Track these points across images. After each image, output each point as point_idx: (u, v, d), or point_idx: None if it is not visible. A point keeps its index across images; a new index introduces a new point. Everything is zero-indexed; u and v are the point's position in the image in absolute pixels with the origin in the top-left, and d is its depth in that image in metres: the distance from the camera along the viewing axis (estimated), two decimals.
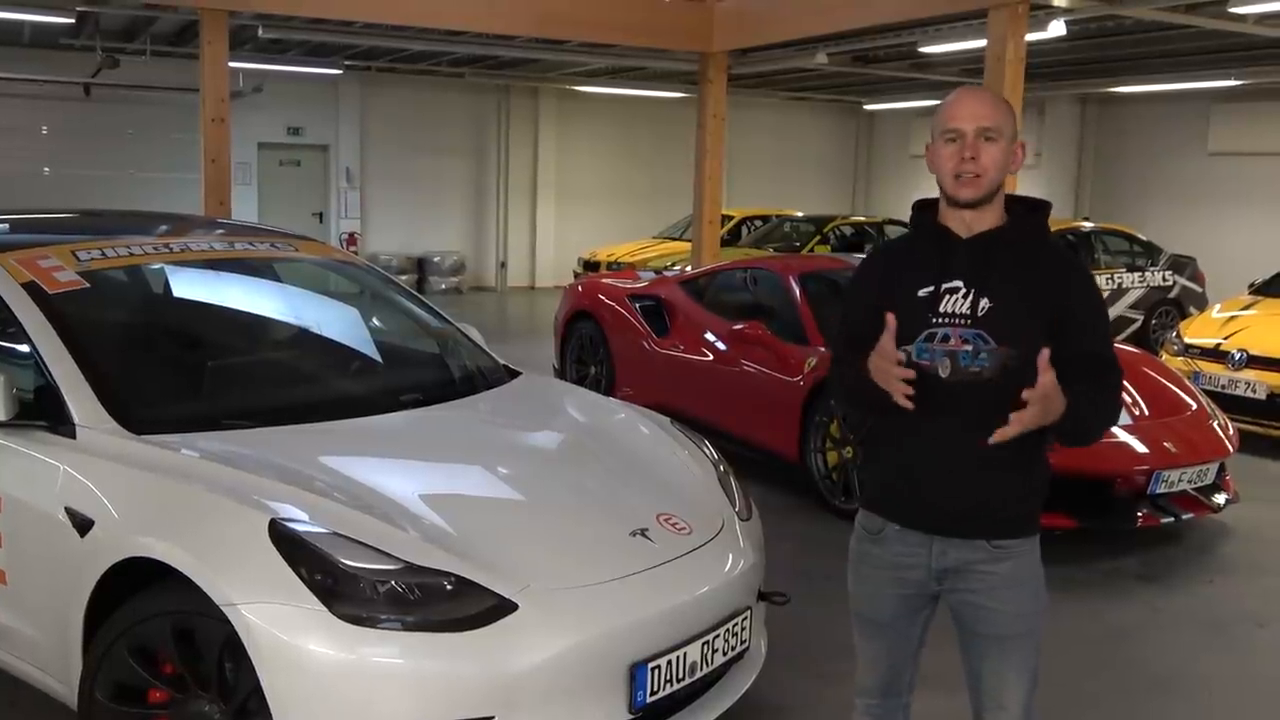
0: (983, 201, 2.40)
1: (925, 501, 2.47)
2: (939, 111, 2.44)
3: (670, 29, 10.54)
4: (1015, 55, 7.77)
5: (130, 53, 13.60)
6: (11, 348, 3.49)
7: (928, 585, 2.51)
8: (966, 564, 2.45)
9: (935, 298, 2.40)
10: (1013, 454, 2.39)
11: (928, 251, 2.47)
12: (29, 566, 3.21)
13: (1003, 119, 2.39)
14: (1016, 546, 2.46)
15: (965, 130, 2.37)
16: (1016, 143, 2.43)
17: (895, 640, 2.62)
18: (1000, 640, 2.48)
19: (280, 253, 4.51)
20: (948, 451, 2.42)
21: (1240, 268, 12.27)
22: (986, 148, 2.36)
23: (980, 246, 2.42)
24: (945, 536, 2.46)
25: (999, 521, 2.45)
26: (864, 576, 2.61)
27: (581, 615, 2.86)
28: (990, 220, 2.44)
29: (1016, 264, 2.40)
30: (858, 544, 2.62)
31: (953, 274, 2.41)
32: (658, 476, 3.65)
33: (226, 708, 2.79)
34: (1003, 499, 2.44)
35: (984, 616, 2.47)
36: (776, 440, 6.44)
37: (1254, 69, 13.11)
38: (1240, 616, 4.96)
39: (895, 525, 2.52)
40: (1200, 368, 8.08)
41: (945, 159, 2.40)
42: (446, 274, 17.71)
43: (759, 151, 19.92)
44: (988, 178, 2.37)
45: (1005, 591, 2.45)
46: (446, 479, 3.47)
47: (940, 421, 2.39)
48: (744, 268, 8.16)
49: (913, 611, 2.58)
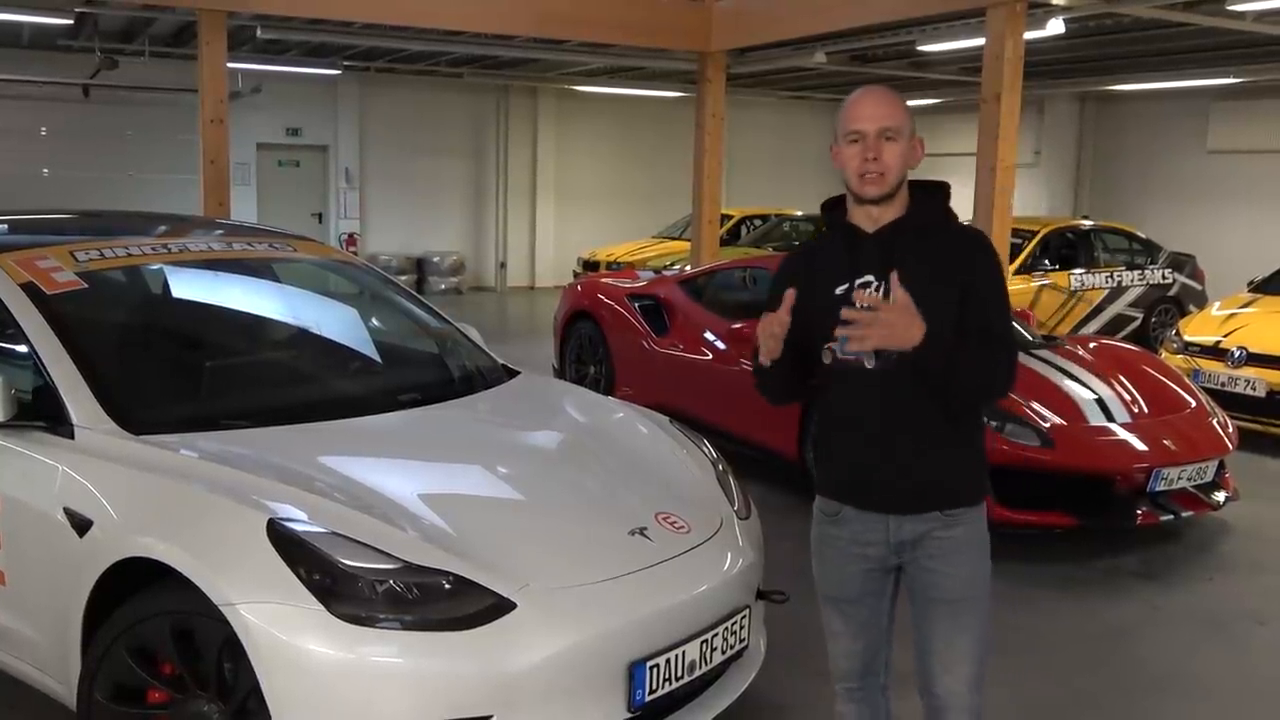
0: (887, 197, 2.52)
1: (876, 485, 2.58)
2: (841, 113, 2.55)
3: (669, 28, 10.54)
4: (1014, 54, 7.76)
5: (129, 54, 13.60)
6: (10, 348, 3.49)
7: (888, 559, 2.62)
8: (922, 535, 2.57)
9: (849, 293, 2.50)
10: (946, 430, 2.55)
11: (839, 249, 2.61)
12: (28, 567, 3.21)
13: (901, 118, 2.51)
14: (965, 514, 2.58)
15: (867, 131, 2.48)
16: (915, 139, 2.54)
17: (866, 618, 2.70)
18: (952, 604, 2.59)
19: (279, 253, 4.51)
20: (884, 437, 2.54)
21: (1240, 265, 12.27)
22: (888, 147, 2.48)
23: (885, 238, 2.54)
24: (900, 514, 2.57)
25: (950, 493, 2.57)
26: (827, 558, 2.70)
27: (580, 614, 2.86)
28: (895, 212, 2.56)
29: (922, 248, 2.52)
30: (818, 527, 2.72)
31: (862, 269, 2.53)
32: (657, 476, 3.65)
33: (226, 708, 2.79)
34: (947, 474, 2.57)
35: (937, 582, 2.58)
36: (775, 439, 6.44)
37: (1253, 67, 13.10)
38: (1240, 614, 4.96)
39: (852, 508, 2.62)
40: (1200, 365, 8.08)
41: (849, 159, 2.51)
42: (446, 274, 17.71)
43: (758, 151, 19.92)
44: (891, 175, 2.49)
45: (956, 556, 2.57)
46: (445, 478, 3.47)
47: (876, 411, 2.53)
48: (743, 267, 8.17)
49: (878, 587, 2.67)
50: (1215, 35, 11.04)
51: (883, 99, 2.53)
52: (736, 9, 10.37)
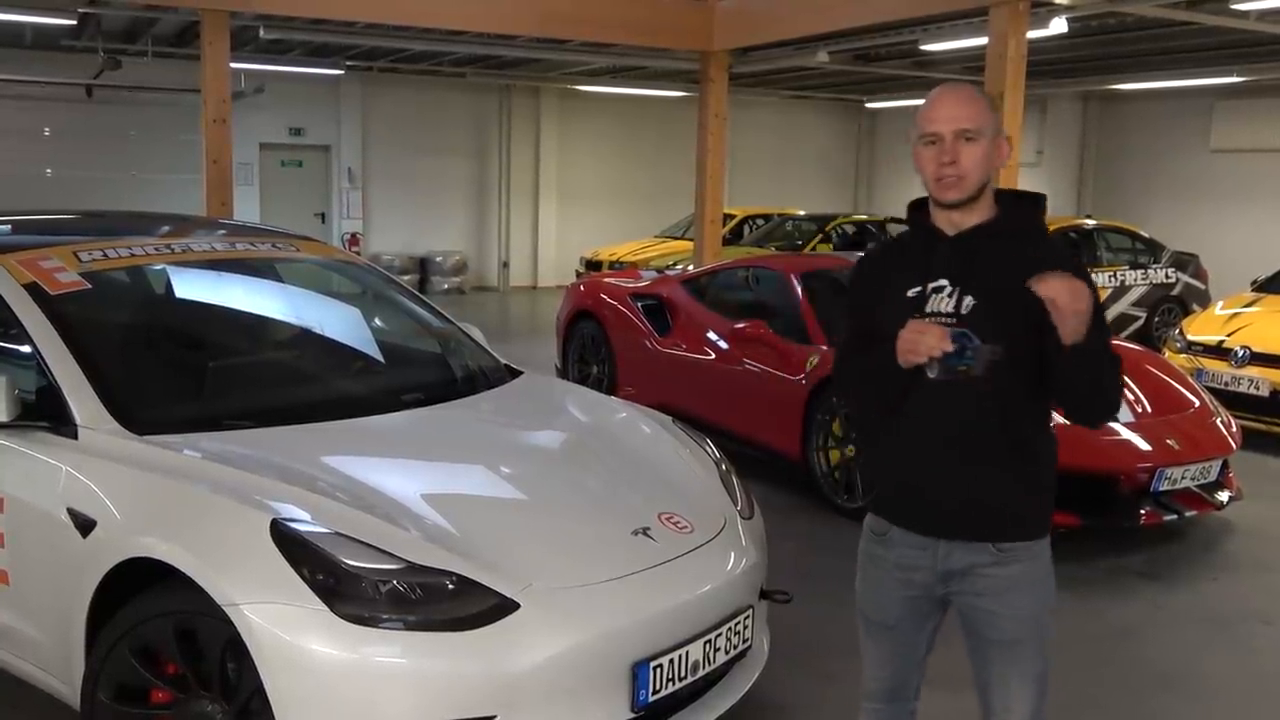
0: (967, 202, 2.38)
1: (924, 504, 2.45)
2: (918, 113, 2.41)
3: (671, 28, 10.54)
4: (1016, 53, 7.76)
5: (132, 54, 13.61)
6: (13, 349, 3.49)
7: (933, 588, 2.48)
8: (971, 567, 2.42)
9: (922, 297, 2.40)
10: (1010, 453, 2.39)
11: (916, 251, 2.47)
12: (31, 567, 3.22)
13: (982, 118, 2.36)
14: (1022, 550, 2.42)
15: (943, 133, 2.35)
16: (1000, 138, 2.40)
17: (901, 644, 2.59)
18: (1006, 645, 2.45)
19: (282, 253, 4.51)
20: (943, 453, 2.40)
21: (1243, 265, 12.26)
22: (966, 149, 2.34)
23: (965, 244, 2.40)
24: (949, 539, 2.43)
25: (1001, 523, 2.41)
26: (871, 578, 2.58)
27: (583, 614, 2.86)
28: (978, 217, 2.42)
29: (1003, 259, 2.36)
30: (865, 545, 2.59)
31: (938, 273, 2.40)
32: (659, 475, 3.65)
33: (229, 708, 2.79)
34: (1001, 499, 2.41)
35: (989, 620, 2.44)
36: (778, 439, 6.44)
37: (1256, 66, 13.09)
38: (1244, 614, 4.95)
39: (899, 528, 2.49)
40: (1203, 365, 8.07)
41: (926, 162, 2.39)
42: (449, 274, 17.72)
43: (760, 150, 19.91)
44: (970, 179, 2.35)
45: (1011, 596, 2.41)
46: (448, 478, 3.47)
47: (933, 422, 2.39)
48: (746, 266, 8.16)
49: (919, 615, 2.55)
50: (1218, 34, 11.03)
51: (961, 98, 2.39)
52: (739, 8, 10.37)
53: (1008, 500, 2.41)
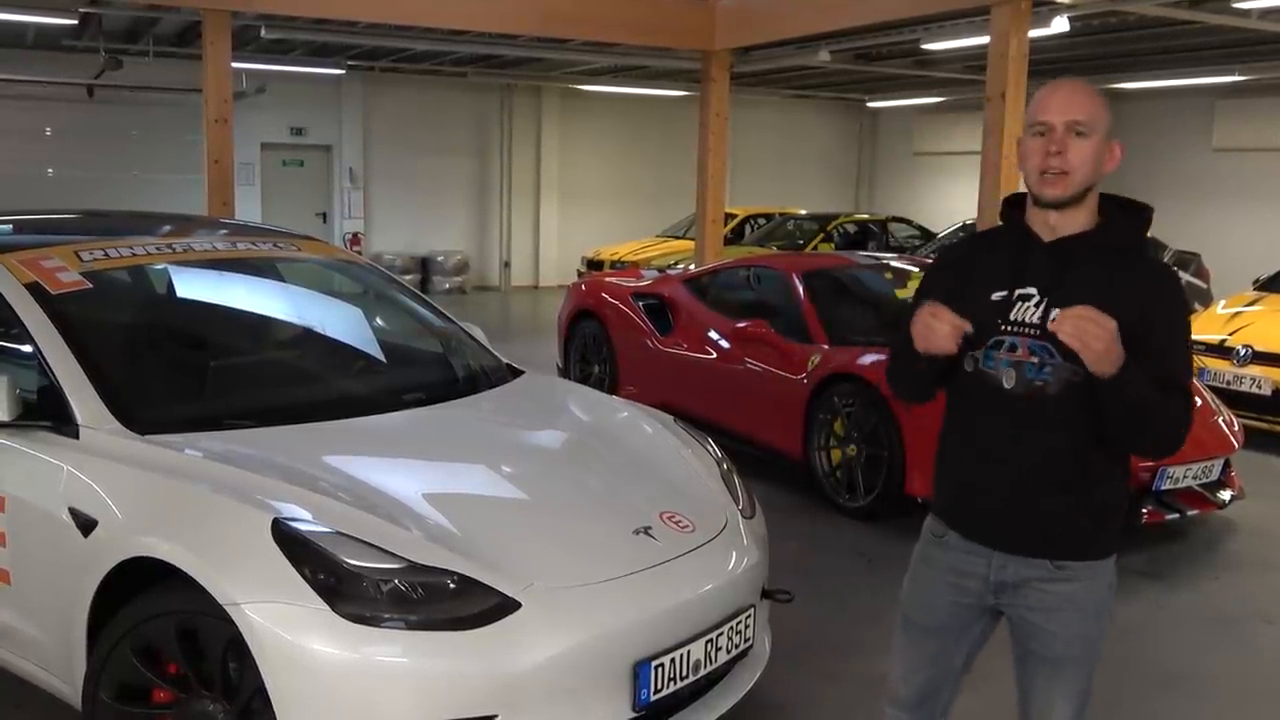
0: (1070, 202, 2.26)
1: (983, 513, 2.39)
2: (1031, 103, 2.30)
3: (673, 27, 10.53)
4: (1018, 52, 7.75)
5: (133, 54, 13.61)
6: (14, 348, 3.49)
7: (985, 597, 2.42)
8: (1025, 581, 2.36)
9: (1007, 304, 2.29)
10: (1074, 471, 2.31)
11: (1006, 252, 2.35)
12: (32, 567, 3.22)
13: (1097, 113, 2.24)
14: (1081, 569, 2.35)
15: (1054, 124, 2.22)
16: (1113, 141, 2.28)
17: (940, 650, 2.53)
18: (1052, 662, 2.39)
19: (283, 252, 4.51)
20: (1005, 465, 2.33)
21: (1245, 264, 12.25)
22: (1076, 144, 2.22)
23: (1061, 252, 2.28)
24: (1005, 551, 2.36)
25: (1060, 541, 2.34)
26: (922, 578, 2.53)
27: (585, 614, 2.86)
28: (1079, 224, 2.29)
29: (1099, 274, 2.24)
30: (922, 546, 2.54)
31: (1028, 280, 2.29)
32: (661, 475, 3.65)
33: (230, 707, 2.79)
34: (1062, 517, 2.33)
35: (1038, 635, 2.38)
36: (780, 438, 6.44)
37: (1258, 64, 13.07)
38: (1246, 613, 4.95)
39: (957, 534, 2.44)
40: (1205, 364, 8.06)
41: (1032, 153, 2.26)
42: (450, 274, 17.71)
43: (762, 149, 19.90)
44: (1076, 176, 2.23)
45: (1063, 614, 2.35)
46: (450, 478, 3.47)
47: (1001, 434, 2.32)
48: (747, 266, 8.16)
49: (964, 623, 2.49)
50: (1220, 33, 11.02)
51: (1077, 90, 2.26)
52: (740, 7, 10.36)
53: (1070, 522, 2.34)
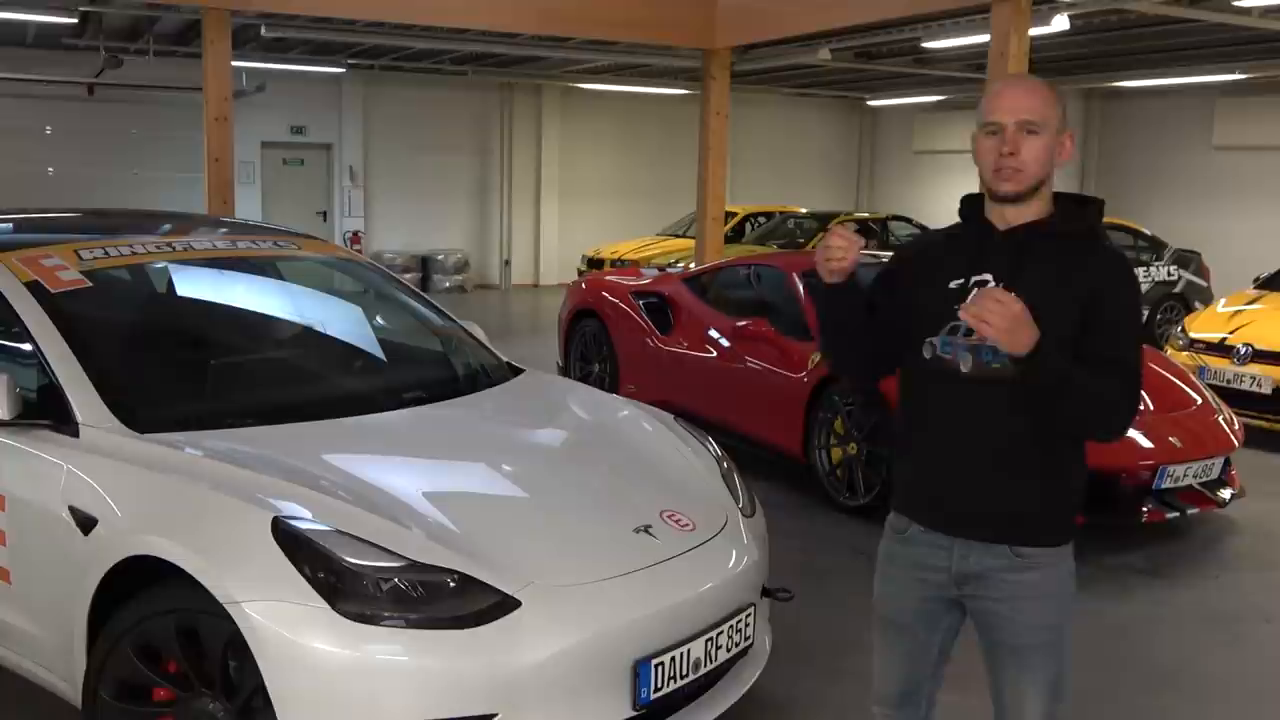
0: (1024, 197, 2.33)
1: (943, 502, 2.42)
2: (982, 101, 2.37)
3: (673, 26, 10.52)
4: (1018, 50, 7.73)
5: (133, 52, 13.60)
6: (14, 347, 3.49)
7: (949, 589, 2.45)
8: (988, 570, 2.39)
9: (964, 290, 2.34)
10: (1034, 456, 2.34)
11: (965, 243, 2.42)
12: (33, 565, 3.22)
13: (1047, 110, 2.30)
14: (1042, 556, 2.38)
15: (1005, 123, 2.29)
16: (1064, 135, 2.34)
17: (915, 646, 2.56)
18: (1019, 651, 2.42)
19: (283, 251, 4.51)
20: (964, 451, 2.37)
21: (1245, 262, 12.24)
22: (1028, 141, 2.29)
23: (1017, 240, 2.35)
24: (966, 540, 2.40)
25: (1020, 528, 2.37)
26: (889, 576, 2.56)
27: (585, 612, 2.86)
28: (1033, 214, 2.36)
29: (1054, 260, 2.32)
30: (885, 544, 2.57)
31: (984, 267, 2.35)
32: (661, 473, 3.65)
33: (230, 706, 2.79)
34: (1022, 503, 2.36)
35: (1003, 625, 2.41)
36: (780, 437, 6.44)
37: (1258, 63, 13.06)
38: (1246, 612, 4.95)
39: (919, 526, 2.47)
40: (1206, 362, 8.06)
41: (985, 152, 2.33)
42: (450, 272, 17.70)
43: (762, 148, 19.89)
44: (1028, 172, 2.30)
45: (1027, 602, 2.38)
46: (450, 476, 3.47)
47: (959, 421, 2.36)
48: (747, 264, 8.15)
49: (934, 617, 2.52)
50: (1221, 31, 11.01)
51: (1027, 88, 2.33)
52: (741, 6, 10.35)
53: (1030, 506, 2.37)
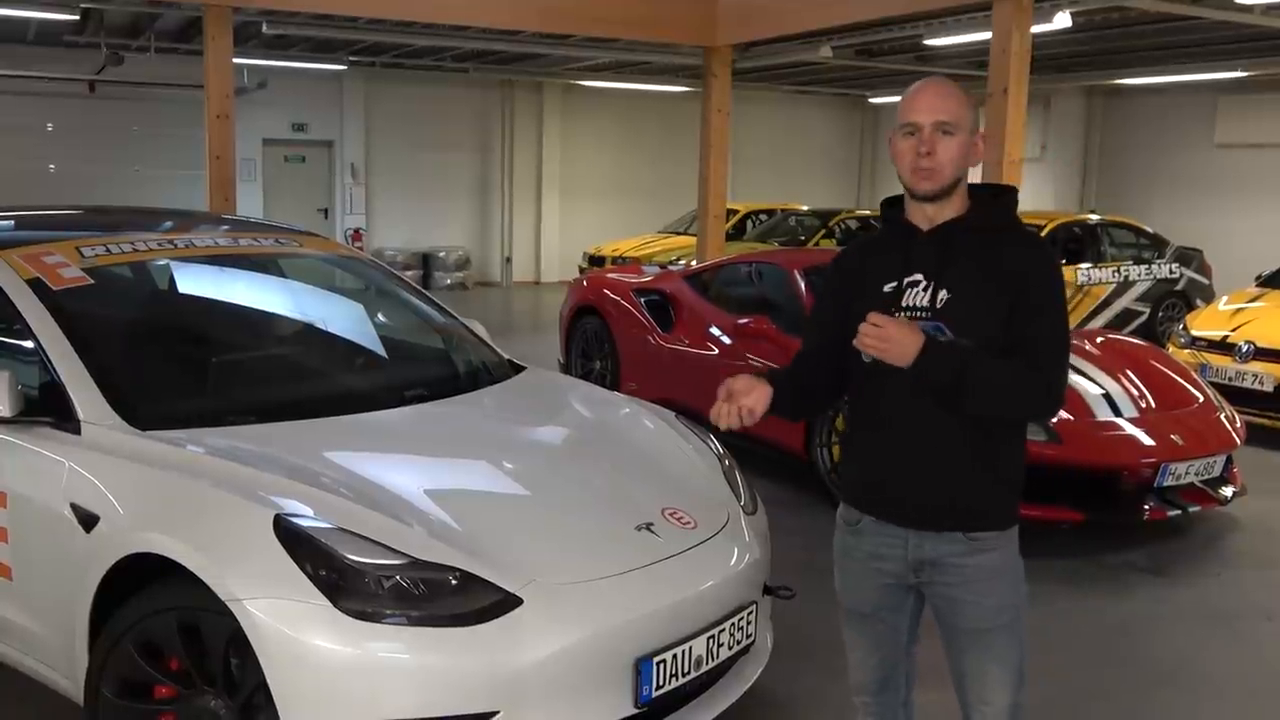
0: (941, 195, 2.41)
1: (894, 496, 2.48)
2: (900, 103, 2.44)
3: (674, 23, 10.51)
4: (1020, 48, 7.73)
5: (135, 49, 13.59)
6: (16, 344, 3.49)
7: (906, 577, 2.51)
8: (942, 557, 2.45)
9: (898, 292, 2.42)
10: (978, 445, 2.41)
11: (893, 246, 2.50)
12: (34, 562, 3.22)
13: (961, 112, 2.38)
14: (993, 539, 2.45)
15: (922, 124, 2.37)
16: (977, 135, 2.43)
17: (882, 633, 2.62)
18: (980, 634, 2.48)
19: (284, 248, 4.51)
20: (911, 445, 2.43)
21: (1247, 260, 12.23)
22: (944, 142, 2.36)
23: (940, 238, 2.43)
24: (919, 530, 2.46)
25: (971, 514, 2.44)
26: (846, 569, 2.63)
27: (586, 610, 2.86)
28: (952, 211, 2.44)
29: (978, 253, 2.40)
30: (839, 536, 2.65)
31: (914, 267, 2.43)
32: (663, 471, 3.64)
33: (232, 703, 2.79)
34: (970, 491, 2.43)
35: (962, 610, 2.47)
36: (782, 434, 6.43)
37: (1260, 60, 13.03)
38: (1248, 609, 4.95)
39: (870, 517, 2.53)
40: (1207, 360, 8.06)
41: (903, 153, 2.41)
42: (451, 269, 17.70)
43: (763, 145, 19.87)
44: (944, 172, 2.37)
45: (983, 584, 2.45)
46: (451, 474, 3.46)
47: (902, 415, 2.42)
48: (749, 262, 8.16)
49: (896, 602, 2.58)
50: (1223, 29, 10.99)
51: (942, 91, 2.42)
52: (742, 3, 10.34)
53: (972, 493, 2.44)
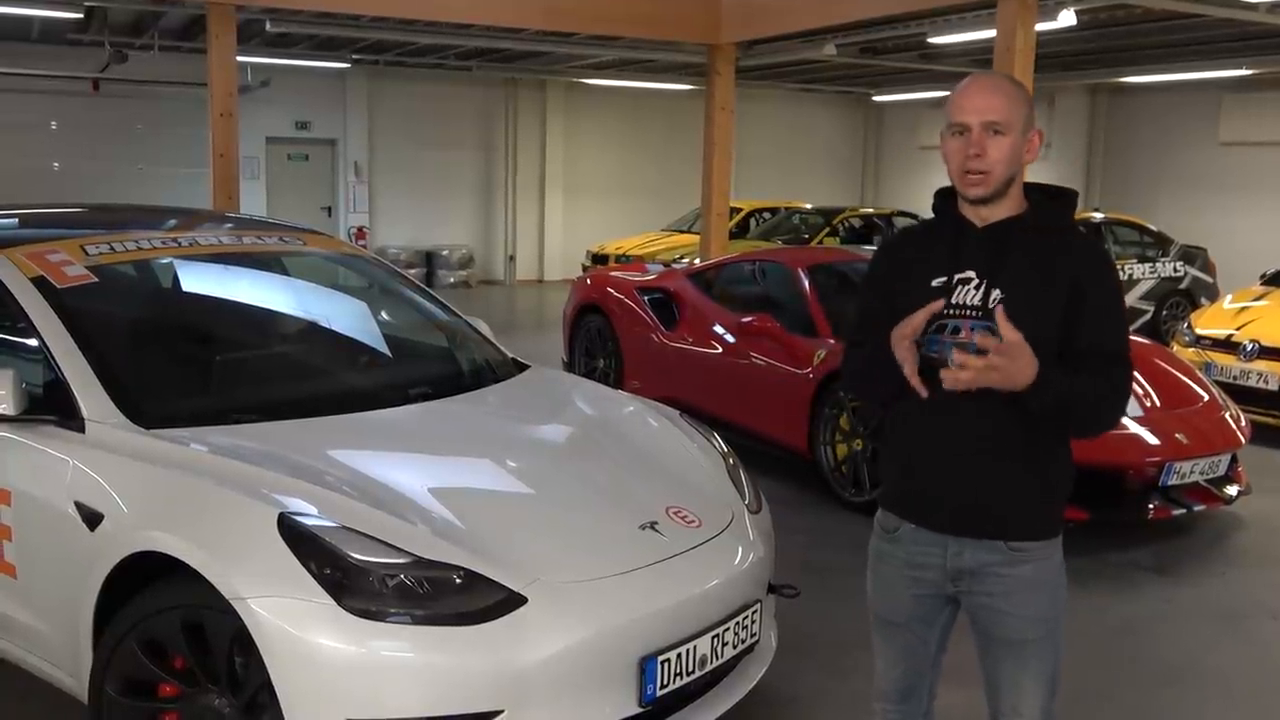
0: (993, 198, 2.32)
1: (935, 499, 2.40)
2: (948, 101, 2.34)
3: (678, 21, 10.52)
4: (1025, 46, 7.73)
5: (138, 48, 13.61)
6: (20, 342, 3.49)
7: (944, 586, 2.44)
8: (983, 566, 2.38)
9: (947, 288, 2.33)
10: (1025, 449, 2.34)
11: (943, 240, 2.40)
12: (38, 561, 3.22)
13: (1013, 110, 2.28)
14: (1035, 549, 2.38)
15: (971, 125, 2.27)
16: (1031, 132, 2.32)
17: (912, 643, 2.55)
18: (1017, 645, 2.41)
19: (288, 247, 4.51)
20: (956, 446, 2.35)
21: (1252, 258, 12.22)
22: (994, 142, 2.26)
23: (995, 236, 2.34)
24: (959, 536, 2.38)
25: (1014, 521, 2.37)
26: (881, 576, 2.54)
27: (591, 609, 2.85)
28: (1007, 210, 2.35)
29: (1033, 253, 2.31)
30: (876, 543, 2.55)
31: (966, 264, 2.33)
32: (667, 469, 3.64)
33: (236, 701, 2.79)
34: (1015, 497, 2.36)
35: (1001, 620, 2.40)
36: (786, 433, 6.43)
37: (1265, 58, 13.01)
38: (1253, 608, 4.94)
39: (910, 524, 2.45)
40: (1212, 359, 8.04)
41: (953, 154, 2.31)
42: (455, 268, 17.72)
43: (767, 143, 19.86)
44: (995, 174, 2.28)
45: (1023, 595, 2.38)
46: (455, 473, 3.46)
47: (949, 416, 2.33)
48: (752, 260, 8.15)
49: (929, 613, 2.51)
50: (1227, 26, 10.97)
51: (993, 88, 2.30)
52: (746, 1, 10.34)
53: (1021, 500, 2.37)
